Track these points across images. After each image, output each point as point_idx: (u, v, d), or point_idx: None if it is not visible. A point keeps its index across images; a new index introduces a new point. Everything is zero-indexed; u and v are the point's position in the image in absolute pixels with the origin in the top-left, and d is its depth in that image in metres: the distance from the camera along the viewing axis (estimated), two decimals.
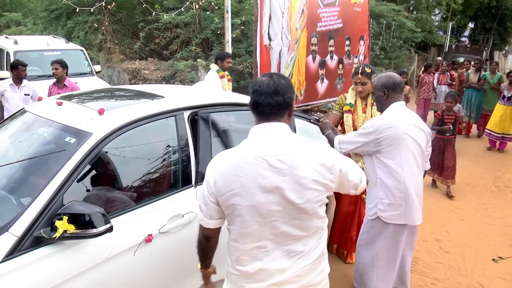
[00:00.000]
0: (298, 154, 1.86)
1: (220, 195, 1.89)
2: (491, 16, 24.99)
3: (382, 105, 3.07)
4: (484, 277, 4.04)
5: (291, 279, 1.95)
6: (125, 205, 2.63)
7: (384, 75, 3.05)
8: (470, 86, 9.87)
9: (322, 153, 1.93)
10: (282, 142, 1.89)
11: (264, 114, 1.92)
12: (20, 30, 17.42)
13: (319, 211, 1.93)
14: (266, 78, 1.94)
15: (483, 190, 6.47)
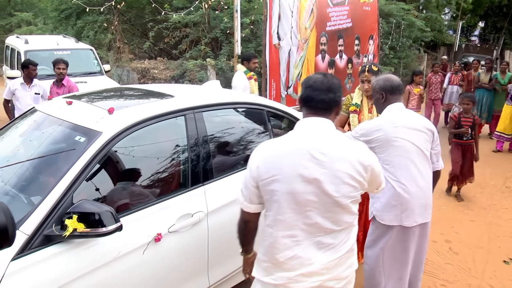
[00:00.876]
0: (339, 150, 1.97)
1: (261, 180, 1.99)
2: (502, 15, 24.76)
3: (380, 108, 3.05)
4: (495, 279, 4.00)
5: (319, 270, 2.01)
6: (148, 199, 2.67)
7: (382, 78, 3.03)
8: (481, 86, 9.65)
9: (361, 152, 2.03)
10: (326, 137, 1.99)
11: (315, 109, 2.03)
12: (31, 29, 17.52)
13: (351, 206, 2.01)
14: (320, 76, 2.08)
15: (494, 190, 6.41)
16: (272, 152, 2.01)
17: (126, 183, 2.78)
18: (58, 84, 6.01)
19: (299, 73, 8.16)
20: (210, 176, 2.95)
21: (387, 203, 2.91)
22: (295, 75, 8.09)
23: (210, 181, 2.93)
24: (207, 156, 2.95)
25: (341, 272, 2.08)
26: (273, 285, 2.08)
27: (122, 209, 2.54)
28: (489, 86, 9.48)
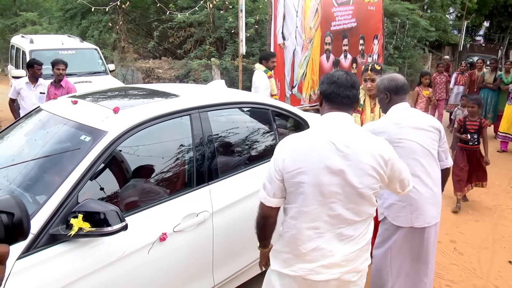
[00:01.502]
0: (363, 143, 2.04)
1: (287, 172, 2.03)
2: (507, 15, 24.65)
3: (385, 108, 3.04)
4: (501, 280, 3.98)
5: (340, 262, 2.08)
6: (159, 196, 2.69)
7: (387, 78, 2.99)
8: (485, 86, 9.60)
9: (382, 146, 2.09)
10: (349, 131, 2.07)
11: (340, 104, 2.11)
12: (36, 29, 17.58)
13: (373, 197, 2.08)
14: (343, 73, 2.15)
15: (499, 191, 6.38)
16: (297, 145, 2.06)
17: (136, 180, 2.79)
18: (56, 85, 5.90)
19: (303, 72, 8.15)
20: (215, 175, 2.94)
21: (396, 204, 2.90)
22: (300, 75, 8.09)
23: (215, 181, 2.93)
24: (212, 155, 2.95)
25: (359, 264, 2.15)
26: (292, 276, 2.13)
27: (149, 201, 2.61)
28: (494, 86, 9.42)
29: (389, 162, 2.07)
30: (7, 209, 0.94)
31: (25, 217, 0.95)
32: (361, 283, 2.24)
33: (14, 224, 0.94)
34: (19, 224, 0.94)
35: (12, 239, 0.95)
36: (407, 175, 2.26)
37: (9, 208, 0.94)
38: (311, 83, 8.37)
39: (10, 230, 0.93)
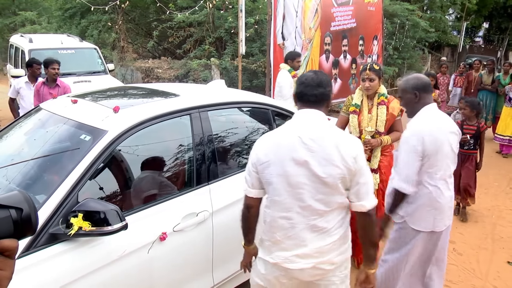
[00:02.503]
0: (329, 137, 2.14)
1: (259, 165, 2.21)
2: (506, 16, 24.65)
3: (414, 109, 2.88)
4: (499, 280, 3.99)
5: (313, 253, 2.19)
6: (172, 190, 2.75)
7: (412, 77, 2.89)
8: (484, 88, 9.43)
9: (348, 141, 2.16)
10: (315, 125, 2.18)
11: (308, 102, 2.23)
12: (35, 28, 17.57)
13: (340, 186, 2.13)
14: (311, 73, 2.30)
15: (497, 191, 6.39)
16: (269, 140, 2.24)
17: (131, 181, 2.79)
18: (50, 84, 5.70)
19: (303, 73, 8.15)
20: (215, 175, 2.95)
21: (421, 208, 2.85)
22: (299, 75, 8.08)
23: (215, 180, 2.93)
24: (212, 155, 2.95)
25: (334, 257, 2.23)
26: (271, 263, 2.27)
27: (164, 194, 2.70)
28: (492, 87, 9.28)
29: (357, 159, 2.12)
30: (16, 205, 0.95)
31: (33, 212, 0.97)
32: (340, 274, 2.30)
33: (23, 219, 0.95)
34: (27, 219, 0.96)
35: (21, 234, 0.96)
36: (366, 190, 2.20)
37: (17, 203, 0.95)
38: None
39: (19, 225, 0.94)
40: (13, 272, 0.95)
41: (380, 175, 3.82)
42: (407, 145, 2.78)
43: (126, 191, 2.76)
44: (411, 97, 2.85)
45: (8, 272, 0.93)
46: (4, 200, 0.95)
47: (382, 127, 3.74)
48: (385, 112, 3.73)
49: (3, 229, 0.92)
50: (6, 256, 0.91)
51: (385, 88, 3.84)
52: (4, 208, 0.94)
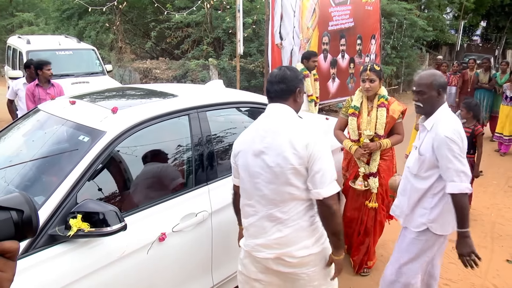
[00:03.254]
0: (282, 128, 2.23)
1: (234, 156, 2.42)
2: (504, 14, 24.72)
3: (433, 107, 2.73)
4: (499, 278, 3.99)
5: (272, 244, 2.29)
6: (171, 190, 2.80)
7: (437, 74, 2.73)
8: (481, 86, 9.34)
9: (302, 131, 2.22)
10: (274, 118, 2.29)
11: (272, 97, 2.35)
12: (33, 30, 17.57)
13: (291, 178, 2.19)
14: (276, 70, 2.39)
15: (496, 190, 6.39)
16: (242, 133, 2.42)
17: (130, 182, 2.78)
18: (46, 86, 5.65)
19: None
20: (214, 175, 2.95)
21: (446, 211, 2.73)
22: None
23: (214, 181, 2.93)
24: (211, 155, 2.95)
25: (295, 250, 2.27)
26: (245, 251, 2.44)
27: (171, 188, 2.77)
28: (490, 86, 9.18)
29: (308, 146, 2.16)
30: (17, 206, 0.94)
31: (34, 214, 0.97)
32: (307, 270, 2.32)
33: (23, 221, 0.94)
34: (28, 221, 0.96)
35: (22, 236, 0.95)
36: (321, 178, 2.18)
37: (18, 205, 0.95)
38: None
39: (20, 227, 0.94)
40: (14, 274, 0.95)
41: (379, 179, 3.76)
42: (455, 144, 2.58)
43: (125, 191, 2.75)
44: (435, 95, 2.71)
45: (10, 274, 0.93)
46: (5, 202, 0.94)
47: (381, 130, 3.63)
48: (385, 114, 3.63)
49: (4, 231, 0.92)
50: (7, 258, 0.91)
51: (385, 90, 3.74)
52: (5, 210, 0.94)
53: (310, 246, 2.29)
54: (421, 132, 2.82)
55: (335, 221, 2.24)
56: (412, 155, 2.87)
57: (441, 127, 2.64)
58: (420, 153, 2.75)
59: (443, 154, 2.60)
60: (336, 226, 2.25)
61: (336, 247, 2.30)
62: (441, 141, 2.60)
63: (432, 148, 2.65)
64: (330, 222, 2.24)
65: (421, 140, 2.77)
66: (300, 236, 2.27)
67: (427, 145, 2.69)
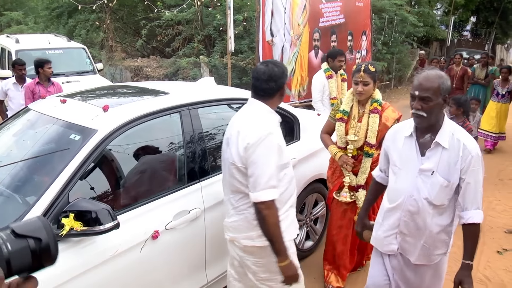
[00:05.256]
0: (238, 123, 2.37)
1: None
2: (493, 10, 24.85)
3: (438, 118, 2.23)
4: (490, 269, 4.04)
5: (229, 227, 2.53)
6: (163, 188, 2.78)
7: (444, 76, 2.21)
8: (476, 82, 9.16)
9: (249, 131, 2.28)
10: (245, 114, 2.42)
11: (258, 95, 2.42)
12: (21, 29, 17.37)
13: (234, 172, 2.36)
14: (262, 67, 2.40)
15: (487, 183, 6.40)
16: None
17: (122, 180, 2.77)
18: (46, 84, 5.77)
19: (292, 69, 8.17)
20: (206, 172, 2.95)
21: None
22: (289, 72, 8.09)
23: (206, 178, 2.93)
24: (203, 152, 2.95)
25: (241, 238, 2.45)
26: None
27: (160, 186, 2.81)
28: (485, 82, 9.01)
29: (247, 149, 2.24)
30: (34, 234, 0.90)
31: (53, 241, 0.91)
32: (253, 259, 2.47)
33: (41, 249, 0.90)
34: (46, 249, 0.90)
35: (39, 265, 0.91)
36: (253, 183, 2.24)
37: (35, 232, 0.90)
38: (300, 79, 8.39)
39: (37, 255, 0.90)
40: None
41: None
42: (482, 167, 2.23)
43: (117, 190, 2.75)
44: (441, 103, 2.18)
45: None
46: (22, 229, 0.89)
47: (373, 139, 3.22)
48: (377, 122, 3.22)
49: (21, 261, 0.87)
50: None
51: (380, 94, 3.32)
52: (22, 237, 0.88)
53: (254, 238, 2.39)
54: (430, 151, 2.25)
55: (265, 227, 2.26)
56: (422, 183, 2.28)
57: (469, 143, 2.18)
58: (446, 179, 2.21)
59: (475, 177, 2.18)
60: (267, 233, 2.27)
61: (275, 252, 2.31)
62: (474, 161, 2.15)
63: (460, 170, 2.18)
64: (262, 227, 2.28)
65: (437, 162, 2.22)
66: (246, 226, 2.41)
67: (448, 167, 2.20)
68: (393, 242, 2.47)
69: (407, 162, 2.33)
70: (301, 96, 8.48)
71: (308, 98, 8.61)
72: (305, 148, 3.81)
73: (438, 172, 2.21)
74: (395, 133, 2.46)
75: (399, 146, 2.38)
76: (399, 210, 2.39)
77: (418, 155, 2.29)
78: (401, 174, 2.36)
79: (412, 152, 2.31)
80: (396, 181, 2.40)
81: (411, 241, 2.40)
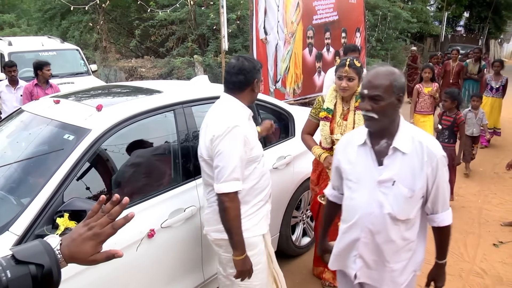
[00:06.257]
0: (208, 117, 2.42)
1: None
2: (486, 5, 24.94)
3: (392, 120, 1.95)
4: (486, 262, 4.06)
5: (204, 220, 2.61)
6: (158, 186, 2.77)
7: (396, 72, 1.95)
8: (470, 77, 9.16)
9: (215, 123, 2.31)
10: (216, 108, 2.43)
11: (228, 88, 2.43)
12: (14, 31, 17.24)
13: (203, 165, 2.43)
14: (234, 61, 2.41)
15: (483, 177, 6.47)
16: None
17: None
18: (44, 85, 5.81)
19: (286, 67, 8.16)
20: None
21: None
22: (283, 69, 8.10)
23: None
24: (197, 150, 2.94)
25: (211, 230, 2.51)
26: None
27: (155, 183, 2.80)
28: (479, 77, 9.00)
29: (213, 140, 2.26)
30: (35, 260, 0.87)
31: (55, 266, 0.88)
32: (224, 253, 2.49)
33: (43, 275, 0.87)
34: (48, 275, 0.87)
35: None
36: (217, 174, 2.28)
37: (37, 257, 0.87)
38: (294, 77, 8.38)
39: (38, 282, 0.87)
40: None
41: None
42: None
43: (112, 189, 2.74)
44: (395, 103, 1.92)
45: None
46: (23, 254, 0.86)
47: None
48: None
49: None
50: None
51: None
52: (23, 263, 0.85)
53: (222, 231, 2.37)
54: (388, 158, 1.95)
55: (226, 218, 2.28)
56: (383, 196, 1.96)
57: (432, 145, 1.94)
58: (410, 188, 1.93)
59: (440, 180, 1.95)
60: (226, 224, 2.30)
61: (231, 245, 2.34)
62: (441, 163, 1.93)
63: (426, 176, 1.92)
64: (222, 218, 2.31)
65: (397, 171, 1.93)
66: (215, 219, 2.41)
67: (411, 175, 1.93)
68: (351, 266, 2.15)
69: (363, 175, 2.02)
70: (296, 93, 8.48)
71: (303, 95, 8.63)
72: (300, 145, 3.79)
73: (400, 182, 1.92)
74: (346, 143, 2.14)
75: (351, 157, 2.07)
76: (357, 230, 2.05)
77: (375, 165, 1.98)
78: (358, 189, 2.03)
79: (368, 162, 2.00)
80: (352, 197, 2.07)
81: (373, 266, 2.08)
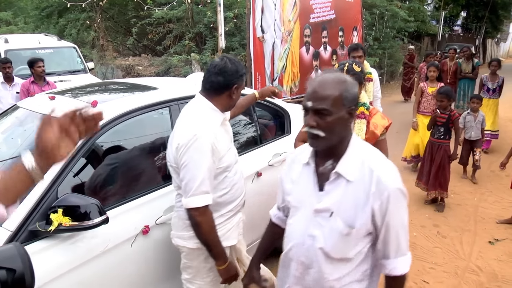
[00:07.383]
0: (180, 121, 2.26)
1: None
2: (482, 5, 24.99)
3: (342, 138, 1.63)
4: (482, 259, 4.06)
5: (171, 223, 2.47)
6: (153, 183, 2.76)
7: (348, 80, 1.62)
8: (464, 76, 9.00)
9: (182, 130, 2.18)
10: (186, 110, 2.29)
11: (204, 88, 2.27)
12: (11, 29, 17.18)
13: (171, 171, 2.30)
14: (218, 60, 2.25)
15: (479, 175, 6.47)
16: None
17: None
18: (40, 82, 5.83)
19: (283, 65, 8.16)
20: None
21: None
22: (280, 68, 8.09)
23: None
24: None
25: (174, 236, 2.42)
26: None
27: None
28: (473, 75, 8.88)
29: (179, 149, 2.13)
30: (7, 264, 0.82)
31: (28, 272, 0.83)
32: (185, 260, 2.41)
33: (14, 280, 0.82)
34: (20, 281, 0.82)
35: None
36: (184, 187, 2.17)
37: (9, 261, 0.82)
38: (291, 75, 8.38)
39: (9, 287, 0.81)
40: None
41: None
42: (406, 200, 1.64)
43: (107, 185, 2.73)
44: (345, 117, 1.59)
45: None
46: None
47: None
48: (364, 129, 2.80)
49: None
50: None
51: (367, 97, 2.90)
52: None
53: (186, 238, 2.33)
54: (329, 184, 1.62)
55: (200, 232, 2.21)
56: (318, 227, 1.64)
57: (385, 174, 1.57)
58: (348, 224, 1.58)
59: (399, 217, 1.60)
60: (201, 237, 2.22)
61: (212, 256, 2.29)
62: (394, 197, 1.55)
63: (371, 212, 1.56)
64: (196, 232, 2.23)
65: (337, 200, 1.60)
66: (180, 224, 2.35)
67: (354, 207, 1.58)
68: None
69: (303, 198, 1.72)
70: (293, 92, 8.47)
71: (300, 94, 8.62)
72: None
73: (338, 214, 1.60)
74: (293, 159, 1.86)
75: (294, 176, 1.78)
76: (291, 261, 1.77)
77: (315, 189, 1.67)
78: (295, 214, 1.76)
79: (309, 185, 1.69)
80: (289, 222, 1.81)
81: None
